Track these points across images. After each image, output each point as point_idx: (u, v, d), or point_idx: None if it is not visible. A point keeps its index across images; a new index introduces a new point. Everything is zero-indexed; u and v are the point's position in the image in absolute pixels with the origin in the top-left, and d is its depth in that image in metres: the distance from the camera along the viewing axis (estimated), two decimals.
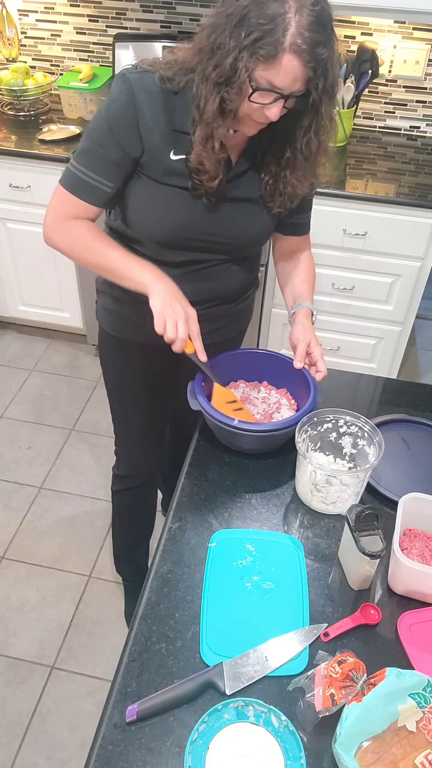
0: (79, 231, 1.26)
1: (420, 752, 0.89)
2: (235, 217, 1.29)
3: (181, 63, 1.16)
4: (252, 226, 1.33)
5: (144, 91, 1.16)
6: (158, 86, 1.16)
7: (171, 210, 1.25)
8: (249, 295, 1.52)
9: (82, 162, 1.22)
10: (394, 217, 2.25)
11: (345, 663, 0.93)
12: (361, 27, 2.48)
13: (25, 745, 1.72)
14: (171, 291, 1.22)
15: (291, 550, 1.16)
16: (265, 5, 1.00)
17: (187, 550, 1.16)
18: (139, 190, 1.25)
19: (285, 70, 1.04)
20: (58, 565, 2.14)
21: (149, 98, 1.16)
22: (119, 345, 1.52)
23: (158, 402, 1.66)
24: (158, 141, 1.19)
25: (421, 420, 1.44)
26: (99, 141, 1.20)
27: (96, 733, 0.92)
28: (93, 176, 1.22)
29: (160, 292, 1.20)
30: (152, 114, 1.17)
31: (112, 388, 1.64)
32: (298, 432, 1.20)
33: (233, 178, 1.25)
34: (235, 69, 1.05)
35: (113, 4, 2.64)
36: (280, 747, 0.89)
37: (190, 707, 0.94)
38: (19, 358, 2.96)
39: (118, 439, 1.74)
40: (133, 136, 1.18)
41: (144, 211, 1.26)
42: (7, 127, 2.58)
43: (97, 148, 1.20)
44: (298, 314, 1.39)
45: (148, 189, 1.24)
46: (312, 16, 1.01)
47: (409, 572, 1.06)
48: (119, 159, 1.20)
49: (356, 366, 2.63)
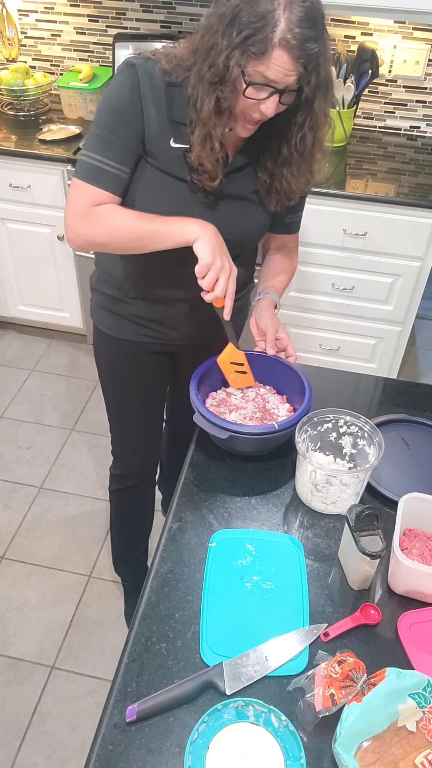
0: (106, 211, 1.23)
1: (420, 752, 0.89)
2: (230, 213, 1.29)
3: (179, 59, 1.17)
4: (247, 223, 1.33)
5: (147, 76, 1.17)
6: (159, 75, 1.17)
7: (170, 201, 1.25)
8: (244, 294, 1.53)
9: (97, 150, 1.21)
10: (394, 217, 2.25)
11: (345, 663, 0.93)
12: (361, 27, 2.48)
13: (25, 745, 1.72)
14: (219, 241, 1.20)
15: (291, 550, 1.15)
16: (255, 3, 1.02)
17: (187, 550, 1.16)
18: (142, 178, 1.25)
19: (276, 65, 1.05)
20: (58, 565, 2.14)
21: (152, 83, 1.17)
22: (113, 343, 1.52)
23: (153, 400, 1.66)
24: (159, 126, 1.19)
25: (421, 420, 1.43)
26: (110, 128, 1.20)
27: (96, 733, 0.92)
28: (110, 163, 1.21)
29: (209, 241, 1.18)
30: (154, 100, 1.18)
31: (107, 387, 1.64)
32: (298, 432, 1.20)
33: (229, 173, 1.25)
34: (227, 67, 1.07)
35: (113, 4, 2.64)
36: (280, 747, 0.89)
37: (190, 707, 0.94)
38: (19, 358, 2.96)
39: (114, 438, 1.74)
40: (138, 118, 1.18)
41: (144, 200, 1.26)
42: (7, 127, 2.58)
43: (109, 134, 1.20)
44: (262, 302, 1.41)
45: (149, 177, 1.24)
46: (302, 12, 1.02)
47: (409, 572, 1.05)
48: (131, 142, 1.20)
49: (356, 366, 2.63)
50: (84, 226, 1.24)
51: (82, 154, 1.23)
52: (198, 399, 1.28)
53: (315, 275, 2.43)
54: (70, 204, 1.24)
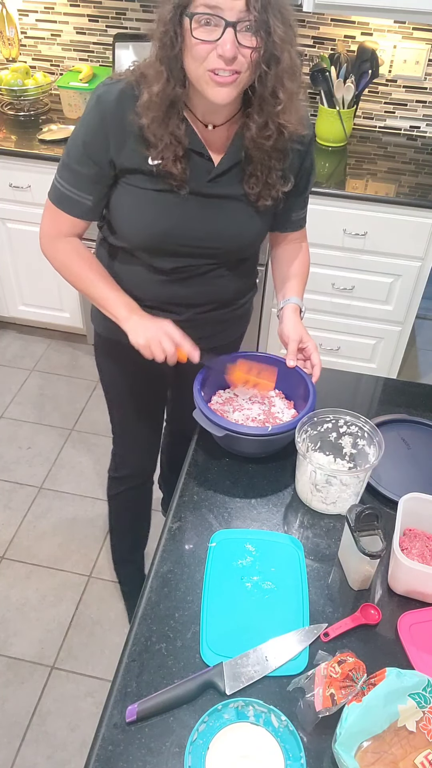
0: (65, 256, 1.32)
1: (420, 752, 0.89)
2: (220, 216, 1.28)
3: (143, 65, 1.15)
4: (238, 225, 1.30)
5: (113, 103, 1.16)
6: (128, 94, 1.16)
7: (158, 215, 1.24)
8: (247, 300, 1.51)
9: (64, 177, 1.25)
10: (394, 217, 2.25)
11: (345, 663, 0.93)
12: (361, 27, 2.48)
13: (25, 745, 1.72)
14: (142, 321, 1.27)
15: (291, 550, 1.15)
16: None
17: (187, 550, 1.16)
18: (124, 199, 1.25)
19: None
20: (58, 565, 2.14)
21: (118, 108, 1.16)
22: (114, 347, 1.52)
23: (154, 401, 1.66)
24: (133, 150, 1.19)
25: (421, 420, 1.44)
26: (76, 158, 1.22)
27: (96, 733, 0.92)
28: (73, 191, 1.25)
29: (134, 327, 1.26)
30: (122, 124, 1.17)
31: (110, 390, 1.64)
32: (298, 432, 1.20)
33: (216, 177, 1.24)
34: (170, 12, 1.05)
35: (113, 4, 2.64)
36: (280, 747, 0.89)
37: (190, 707, 0.94)
38: (19, 358, 2.96)
39: (117, 438, 1.74)
40: (105, 153, 1.20)
41: (131, 218, 1.27)
42: (7, 127, 2.58)
43: (75, 164, 1.23)
44: (286, 310, 1.39)
45: (131, 196, 1.24)
46: None
47: (409, 572, 1.06)
48: (95, 175, 1.23)
49: (356, 366, 2.63)
50: (47, 251, 1.33)
51: (55, 176, 1.27)
52: (200, 396, 1.28)
53: (315, 275, 2.40)
54: (42, 219, 1.32)
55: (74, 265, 1.32)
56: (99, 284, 1.31)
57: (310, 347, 1.34)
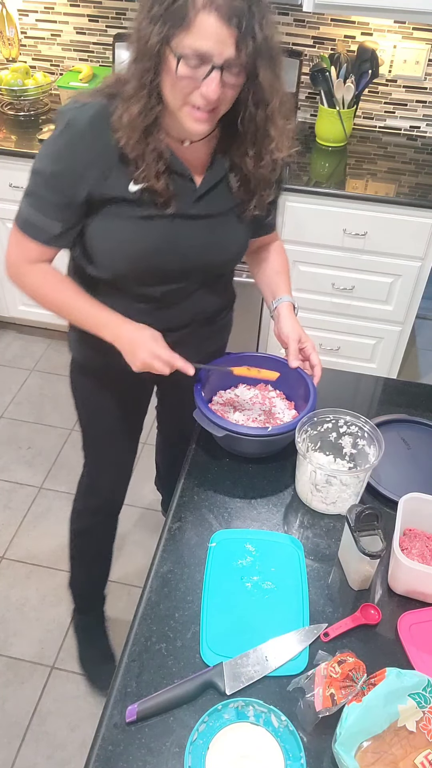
0: (34, 280, 1.23)
1: (420, 752, 0.89)
2: (210, 235, 1.23)
3: (120, 78, 1.10)
4: (224, 242, 1.26)
5: (86, 130, 1.09)
6: (101, 116, 1.08)
7: (146, 242, 1.18)
8: (228, 312, 1.48)
9: (29, 202, 1.17)
10: (394, 217, 2.25)
11: (345, 663, 0.93)
12: (361, 27, 2.48)
13: (25, 745, 1.72)
14: (131, 345, 1.20)
15: (291, 550, 1.15)
16: None
17: (187, 550, 1.16)
18: (107, 229, 1.18)
19: (204, 31, 0.95)
20: (58, 565, 2.14)
21: (93, 134, 1.09)
22: (92, 374, 1.45)
23: (136, 411, 1.59)
24: (114, 178, 1.12)
25: (421, 420, 1.44)
26: (43, 183, 1.14)
27: (96, 733, 0.92)
28: (39, 216, 1.16)
29: (124, 352, 1.20)
30: (99, 152, 1.10)
31: (87, 405, 1.54)
32: (298, 432, 1.20)
33: (199, 198, 1.19)
34: (154, 45, 0.98)
35: (113, 4, 2.64)
36: (280, 747, 0.89)
37: (190, 707, 0.94)
38: (19, 358, 2.96)
39: (89, 460, 1.63)
40: (77, 185, 1.12)
41: (116, 248, 1.19)
42: (7, 127, 2.58)
43: (42, 190, 1.14)
44: (281, 309, 1.35)
45: (115, 226, 1.17)
46: None
47: (409, 572, 1.06)
48: (64, 204, 1.14)
49: (356, 366, 2.63)
50: (15, 278, 1.25)
51: (21, 199, 1.18)
52: (200, 396, 1.28)
53: (315, 275, 2.43)
54: (9, 244, 1.23)
55: (47, 290, 1.23)
56: (76, 307, 1.23)
57: (308, 347, 1.32)
